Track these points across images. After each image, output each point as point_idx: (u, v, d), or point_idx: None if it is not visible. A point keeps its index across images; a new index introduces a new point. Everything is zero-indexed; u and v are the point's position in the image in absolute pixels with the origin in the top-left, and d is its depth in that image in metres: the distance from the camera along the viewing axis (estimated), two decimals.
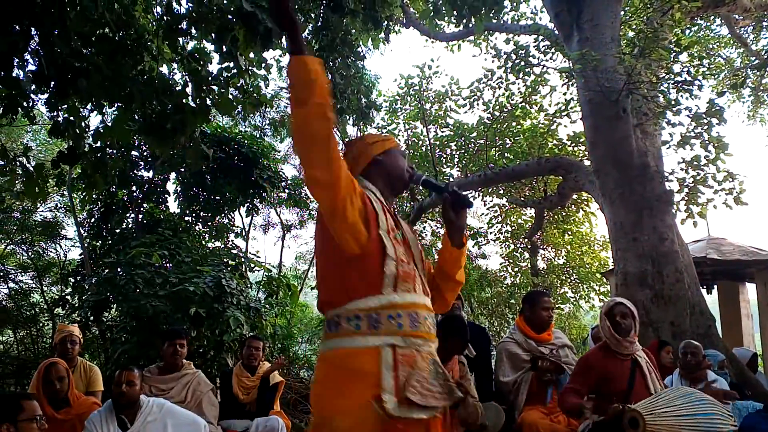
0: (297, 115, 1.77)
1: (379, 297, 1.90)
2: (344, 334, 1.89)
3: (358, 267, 1.92)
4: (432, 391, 1.85)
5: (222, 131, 9.05)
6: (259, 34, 3.44)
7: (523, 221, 13.43)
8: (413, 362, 1.86)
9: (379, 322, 1.87)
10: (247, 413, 4.77)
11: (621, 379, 3.44)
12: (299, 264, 16.27)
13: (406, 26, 11.57)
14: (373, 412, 1.78)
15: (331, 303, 1.95)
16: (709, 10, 9.68)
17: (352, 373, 1.84)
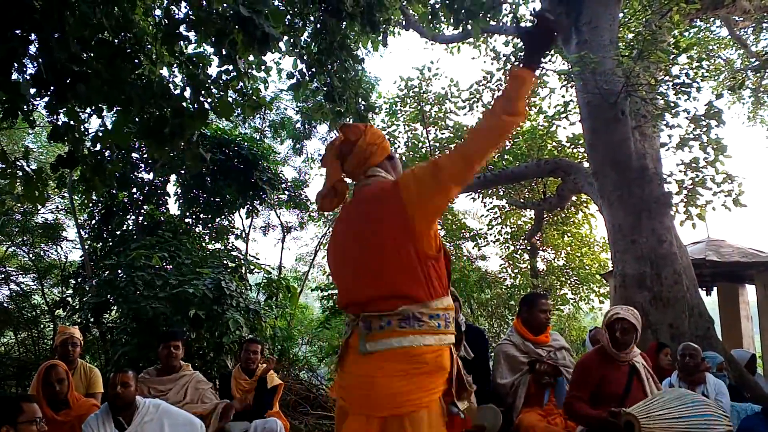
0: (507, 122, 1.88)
1: (446, 298, 2.02)
2: (426, 332, 1.95)
3: (436, 267, 2.02)
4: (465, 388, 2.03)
5: (222, 133, 9.07)
6: (257, 39, 3.47)
7: (523, 223, 13.44)
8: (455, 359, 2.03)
9: (449, 321, 2.01)
10: (245, 415, 4.77)
11: (618, 383, 3.45)
12: (299, 266, 16.30)
13: (405, 28, 11.59)
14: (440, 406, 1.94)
15: (410, 298, 1.97)
16: (708, 12, 9.69)
17: (437, 368, 1.95)
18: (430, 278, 1.98)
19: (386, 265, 2.01)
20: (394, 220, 1.99)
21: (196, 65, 3.92)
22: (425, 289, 1.97)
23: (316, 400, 7.93)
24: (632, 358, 3.58)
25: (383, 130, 12.41)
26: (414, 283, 1.98)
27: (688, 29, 10.02)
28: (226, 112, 3.94)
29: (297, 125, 12.17)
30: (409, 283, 1.98)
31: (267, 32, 3.42)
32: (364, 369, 2.00)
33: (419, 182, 1.97)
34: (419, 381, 1.92)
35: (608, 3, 7.55)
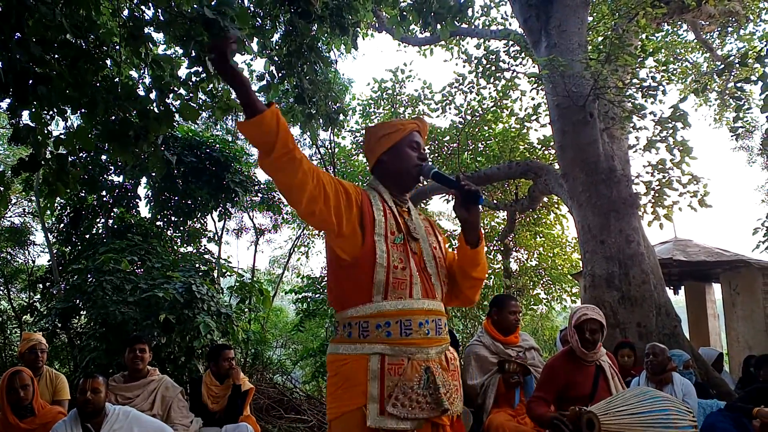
0: (264, 165, 1.77)
1: (368, 305, 1.92)
2: (339, 341, 1.97)
3: (351, 275, 1.95)
4: (419, 402, 1.85)
5: (193, 135, 8.98)
6: None
7: (496, 224, 13.54)
8: (401, 371, 1.86)
9: (367, 330, 1.90)
10: (216, 421, 4.73)
11: (585, 384, 3.49)
12: (273, 268, 16.21)
13: (378, 30, 11.62)
14: (359, 420, 1.83)
15: (335, 309, 2.03)
16: (674, 16, 9.88)
17: (344, 379, 1.89)
18: (343, 287, 1.97)
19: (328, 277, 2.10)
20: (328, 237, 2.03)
21: (162, 67, 3.88)
22: (339, 299, 1.99)
23: (290, 404, 7.90)
24: (599, 358, 3.62)
25: (357, 132, 12.42)
26: (331, 293, 2.05)
27: (655, 33, 10.20)
28: (192, 116, 3.89)
29: None
30: (330, 293, 2.06)
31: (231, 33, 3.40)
32: None
33: None
34: (332, 391, 1.93)
35: (577, 7, 7.66)
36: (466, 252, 2.11)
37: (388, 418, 1.81)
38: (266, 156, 1.73)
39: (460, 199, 2.07)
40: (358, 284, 1.93)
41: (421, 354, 1.91)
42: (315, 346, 10.33)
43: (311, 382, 10.39)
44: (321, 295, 10.27)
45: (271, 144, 1.70)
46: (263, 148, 1.72)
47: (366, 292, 1.92)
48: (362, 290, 1.93)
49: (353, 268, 1.94)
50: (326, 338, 10.54)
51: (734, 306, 7.77)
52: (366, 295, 1.92)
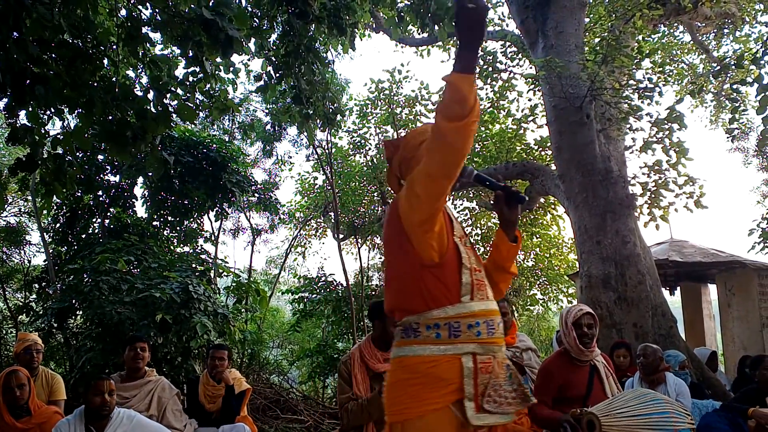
0: (448, 129, 1.77)
1: (457, 306, 1.94)
2: (424, 342, 1.93)
3: (437, 276, 1.96)
4: (507, 398, 1.90)
5: (190, 135, 8.97)
6: (220, 42, 3.44)
7: (493, 224, 13.56)
8: (491, 369, 1.91)
9: (459, 330, 1.92)
10: (213, 421, 4.73)
11: (580, 384, 3.49)
12: (270, 268, 16.20)
13: (376, 31, 11.62)
14: (450, 417, 1.86)
15: (407, 310, 1.99)
16: (671, 18, 9.92)
17: (433, 379, 1.88)
18: (427, 288, 1.96)
19: (392, 278, 2.07)
20: (395, 233, 2.02)
21: (159, 67, 3.88)
22: (421, 299, 1.96)
23: (286, 404, 7.90)
24: (593, 358, 3.63)
25: (354, 132, 12.43)
26: (410, 295, 1.99)
27: (651, 35, 10.23)
28: (189, 116, 3.89)
29: (267, 127, 12.10)
30: (407, 295, 2.00)
31: (230, 35, 3.40)
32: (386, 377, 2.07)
33: (402, 198, 1.98)
34: (413, 391, 1.90)
35: (573, 9, 7.68)
36: (508, 248, 2.22)
37: (484, 414, 1.85)
38: (460, 119, 1.75)
39: (503, 199, 2.18)
40: (446, 285, 1.96)
41: (501, 352, 1.99)
42: (311, 346, 10.33)
43: (308, 383, 10.39)
44: (317, 295, 10.28)
45: (471, 106, 1.74)
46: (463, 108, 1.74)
47: (455, 292, 1.96)
48: (451, 291, 1.96)
49: (439, 269, 1.96)
50: (323, 338, 10.56)
51: (730, 307, 7.80)
52: (455, 296, 1.95)
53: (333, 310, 9.96)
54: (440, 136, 1.80)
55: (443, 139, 1.79)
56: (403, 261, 2.01)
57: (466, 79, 1.73)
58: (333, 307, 9.95)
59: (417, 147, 2.14)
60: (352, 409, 3.49)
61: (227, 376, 4.77)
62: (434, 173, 1.85)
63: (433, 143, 1.85)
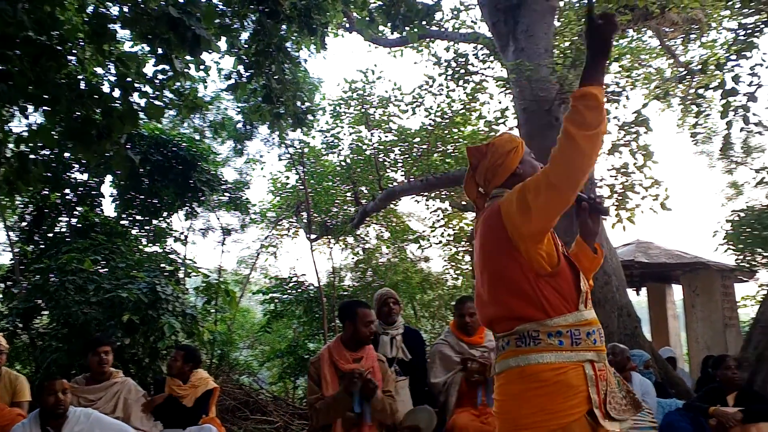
0: (583, 137, 1.80)
1: (576, 314, 1.97)
2: (546, 350, 1.92)
3: (554, 284, 1.97)
4: (622, 404, 1.96)
5: (160, 133, 8.86)
6: (187, 40, 3.41)
7: (465, 225, 13.65)
8: (606, 376, 1.96)
9: (579, 338, 1.94)
10: (179, 422, 4.68)
11: None
12: (241, 268, 16.05)
13: (349, 31, 11.62)
14: (583, 425, 1.86)
15: (522, 318, 1.97)
16: (639, 23, 10.10)
17: (563, 387, 1.88)
18: (545, 297, 1.96)
19: (499, 287, 2.04)
20: (500, 243, 2.02)
21: (126, 65, 3.83)
22: (540, 308, 1.96)
23: (256, 405, 7.85)
24: None
25: (327, 131, 12.40)
26: (526, 304, 1.97)
27: (620, 39, 10.41)
28: (157, 114, 3.85)
29: (238, 126, 11.99)
30: (521, 304, 1.98)
31: (198, 34, 3.38)
32: (497, 390, 2.05)
33: (511, 208, 1.98)
34: (540, 402, 1.88)
35: (544, 12, 7.78)
36: (591, 259, 2.25)
37: (611, 422, 1.89)
38: (595, 127, 1.80)
39: (587, 211, 2.24)
40: (564, 294, 1.98)
41: (606, 360, 2.02)
42: (282, 347, 10.28)
43: (278, 383, 10.34)
44: (289, 296, 10.23)
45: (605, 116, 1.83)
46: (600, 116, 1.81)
47: (573, 301, 1.98)
48: (569, 299, 1.98)
49: (555, 278, 1.98)
50: (293, 339, 10.51)
51: (694, 307, 7.98)
52: (573, 304, 1.98)
53: (304, 310, 9.92)
54: (573, 144, 1.82)
55: (576, 147, 1.81)
56: (514, 270, 2.00)
57: (601, 91, 1.83)
58: (304, 308, 9.92)
59: (506, 155, 2.20)
60: (320, 409, 3.51)
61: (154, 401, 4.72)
62: (560, 183, 1.87)
63: (562, 153, 1.85)
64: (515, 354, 1.97)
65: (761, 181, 8.37)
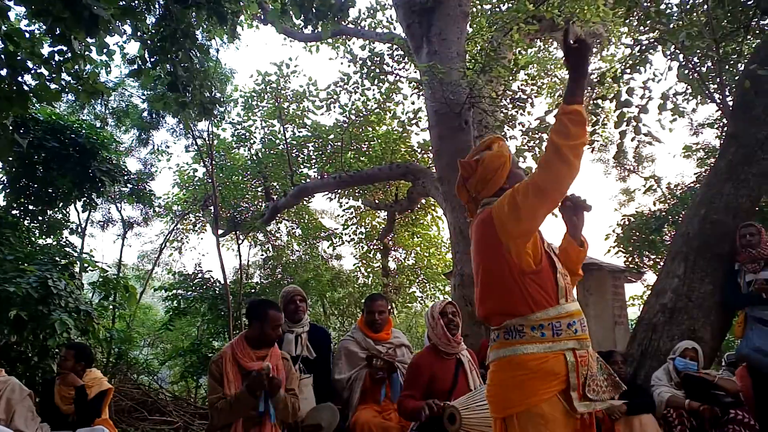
0: (568, 146, 2.04)
1: (557, 307, 2.20)
2: (530, 341, 2.17)
3: (537, 281, 2.20)
4: (602, 386, 2.18)
5: (57, 119, 8.32)
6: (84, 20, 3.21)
7: (377, 223, 13.77)
8: (587, 362, 2.18)
9: (560, 329, 2.17)
10: (69, 424, 4.43)
11: (446, 377, 3.64)
12: (143, 263, 15.37)
13: (264, 23, 11.41)
14: (558, 404, 2.10)
15: (510, 314, 2.22)
16: (546, 33, 10.56)
17: (542, 374, 2.12)
18: (529, 294, 2.19)
19: (491, 286, 2.28)
20: (491, 245, 2.24)
21: (15, 42, 3.55)
22: (525, 304, 2.19)
23: (154, 405, 7.55)
24: (460, 351, 3.81)
25: (238, 124, 12.11)
26: (513, 301, 2.21)
27: (527, 48, 10.81)
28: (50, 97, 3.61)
29: (143, 114, 11.46)
30: (510, 301, 2.22)
31: (96, 13, 3.19)
32: (488, 377, 2.31)
33: (502, 212, 2.20)
34: (523, 387, 2.13)
35: (457, 17, 7.94)
36: (577, 252, 2.41)
37: (587, 402, 2.12)
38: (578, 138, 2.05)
39: (572, 207, 2.40)
40: (546, 289, 2.21)
41: (590, 347, 2.24)
42: (185, 345, 9.94)
43: (180, 383, 9.99)
44: (193, 292, 9.91)
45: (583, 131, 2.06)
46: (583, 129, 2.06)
47: (554, 295, 2.21)
48: (550, 294, 2.21)
49: (538, 275, 2.21)
50: (197, 337, 10.20)
51: (587, 306, 8.40)
52: (554, 299, 2.21)
53: (209, 308, 9.63)
54: (559, 154, 2.05)
55: (562, 156, 2.05)
56: (502, 269, 2.22)
57: (583, 108, 2.07)
58: (209, 305, 9.63)
59: (495, 171, 2.42)
60: (221, 408, 3.41)
61: (73, 378, 4.49)
62: (548, 188, 2.09)
63: (550, 161, 2.08)
64: (504, 345, 2.23)
65: (650, 188, 8.95)
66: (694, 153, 9.01)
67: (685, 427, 4.21)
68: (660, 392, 4.47)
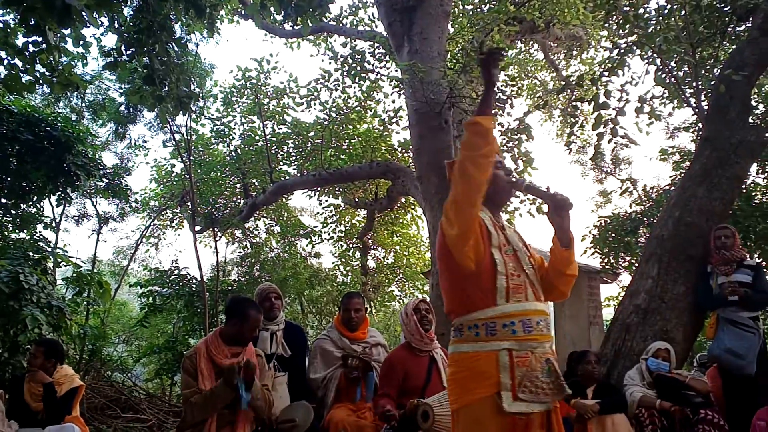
0: (468, 158, 2.14)
1: (494, 308, 2.22)
2: (466, 340, 2.24)
3: (475, 282, 2.25)
4: (543, 389, 2.15)
5: (32, 111, 8.17)
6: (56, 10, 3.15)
7: (357, 222, 13.74)
8: (528, 363, 2.16)
9: (495, 329, 2.20)
10: (39, 422, 4.35)
11: (419, 375, 3.65)
12: (119, 259, 15.16)
13: (245, 18, 11.33)
14: (491, 406, 2.11)
15: (456, 313, 2.31)
16: (526, 35, 10.64)
17: (474, 373, 2.18)
18: (467, 294, 2.26)
19: (443, 286, 2.39)
20: (442, 247, 2.30)
21: None
22: (464, 304, 2.27)
23: (127, 403, 7.46)
24: (433, 349, 3.82)
25: (217, 120, 11.99)
26: (457, 300, 2.32)
27: (508, 49, 10.86)
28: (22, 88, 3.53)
29: (121, 108, 11.28)
30: (455, 300, 2.33)
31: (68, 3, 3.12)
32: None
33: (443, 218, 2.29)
34: (462, 382, 2.21)
35: (438, 17, 7.95)
36: (561, 253, 2.40)
37: (519, 403, 2.11)
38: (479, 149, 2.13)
39: (553, 206, 2.40)
40: (483, 290, 2.24)
41: (541, 348, 2.21)
42: (160, 342, 9.83)
43: (154, 380, 9.88)
44: (169, 289, 9.80)
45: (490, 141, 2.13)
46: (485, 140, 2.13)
47: (491, 296, 2.23)
48: (487, 295, 2.23)
49: (477, 277, 2.25)
50: (173, 334, 10.09)
51: (563, 306, 8.48)
52: (491, 300, 2.22)
53: (185, 305, 9.53)
54: (462, 167, 2.16)
55: (465, 169, 2.15)
56: (451, 271, 2.31)
57: (485, 119, 2.14)
58: (185, 302, 9.52)
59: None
60: (196, 403, 3.38)
61: (42, 375, 4.41)
62: (458, 198, 2.19)
63: (456, 174, 2.19)
64: (452, 343, 2.34)
65: (626, 191, 9.05)
66: (670, 156, 9.11)
67: (656, 426, 4.26)
68: (632, 392, 4.52)
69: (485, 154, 2.14)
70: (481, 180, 2.15)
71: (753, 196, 6.84)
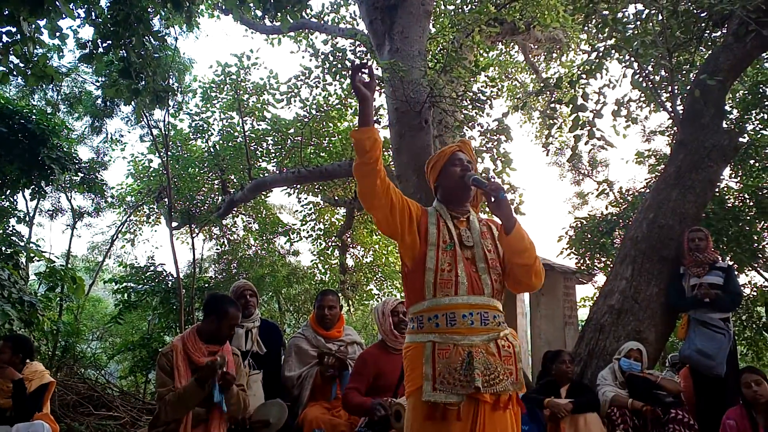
0: (355, 168, 2.28)
1: (422, 303, 2.37)
2: (408, 333, 2.44)
3: (412, 279, 2.42)
4: (460, 381, 2.21)
5: (6, 103, 8.02)
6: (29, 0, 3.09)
7: (336, 220, 13.71)
8: (448, 355, 2.25)
9: (422, 323, 2.36)
10: (7, 419, 4.27)
11: (393, 373, 3.64)
12: (94, 255, 14.95)
13: (225, 13, 11.23)
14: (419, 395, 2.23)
15: (406, 306, 2.50)
16: (507, 37, 10.70)
17: (410, 362, 2.34)
18: (409, 289, 2.45)
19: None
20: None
21: None
22: (408, 298, 2.48)
23: (100, 400, 7.36)
24: None
25: (196, 115, 11.87)
26: (405, 295, 2.52)
27: (489, 51, 10.93)
28: None
29: (97, 101, 11.11)
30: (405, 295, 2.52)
31: None
32: None
33: None
34: (407, 374, 2.36)
35: (419, 16, 7.95)
36: (507, 240, 2.41)
37: (437, 393, 2.20)
38: (359, 157, 2.24)
39: (486, 195, 2.43)
40: (416, 286, 2.39)
41: (465, 341, 2.27)
42: (135, 339, 9.72)
43: (128, 377, 9.76)
44: (145, 285, 9.68)
45: (366, 150, 2.21)
46: (362, 150, 2.22)
47: (420, 292, 2.37)
48: (418, 291, 2.38)
49: (413, 273, 2.41)
50: (148, 331, 9.99)
51: (539, 306, 8.56)
52: (421, 295, 2.38)
53: (161, 301, 9.42)
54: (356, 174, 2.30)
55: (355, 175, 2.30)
56: (402, 269, 2.51)
57: (360, 131, 2.24)
58: (161, 299, 9.42)
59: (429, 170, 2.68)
60: (170, 400, 3.34)
61: (11, 371, 4.33)
62: (364, 205, 2.36)
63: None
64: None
65: (602, 192, 9.16)
66: (645, 159, 9.26)
67: (627, 425, 4.31)
68: (605, 391, 4.58)
69: (366, 162, 2.23)
70: (366, 184, 2.27)
71: (726, 200, 6.97)
